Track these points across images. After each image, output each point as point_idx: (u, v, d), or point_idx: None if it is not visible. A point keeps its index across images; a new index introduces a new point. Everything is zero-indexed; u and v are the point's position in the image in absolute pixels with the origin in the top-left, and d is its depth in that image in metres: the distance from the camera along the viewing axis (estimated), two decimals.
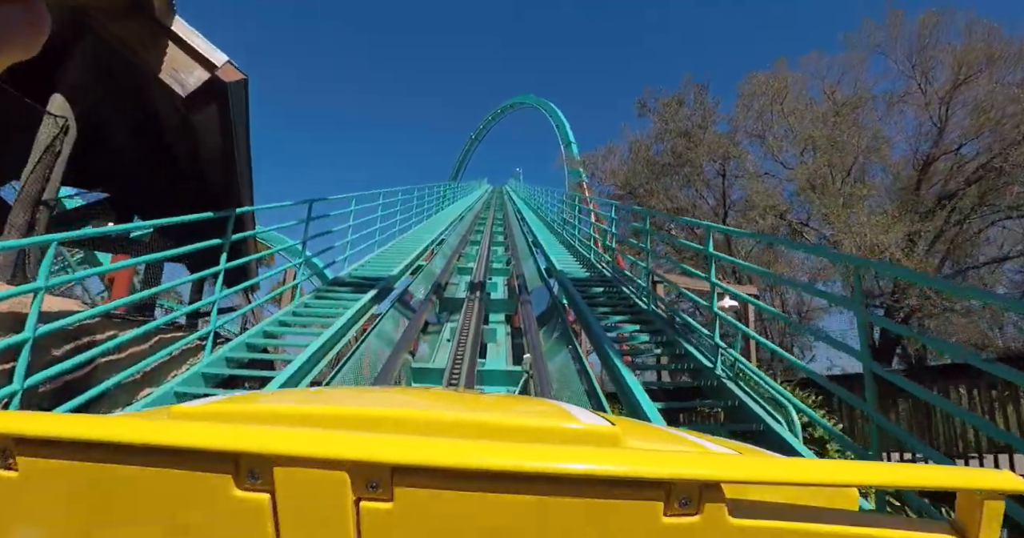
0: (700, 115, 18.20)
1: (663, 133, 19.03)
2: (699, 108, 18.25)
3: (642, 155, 20.45)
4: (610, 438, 0.68)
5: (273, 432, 0.50)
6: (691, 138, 18.11)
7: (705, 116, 18.18)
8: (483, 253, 10.82)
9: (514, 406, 1.19)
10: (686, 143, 18.17)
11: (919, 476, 0.54)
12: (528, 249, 11.46)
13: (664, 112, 18.96)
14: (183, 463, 0.50)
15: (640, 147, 20.68)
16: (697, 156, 17.73)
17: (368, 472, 0.48)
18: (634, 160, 21.48)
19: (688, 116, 18.48)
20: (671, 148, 18.86)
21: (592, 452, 0.50)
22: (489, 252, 11.18)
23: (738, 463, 0.53)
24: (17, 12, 0.26)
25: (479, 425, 0.68)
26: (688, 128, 18.24)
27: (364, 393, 1.45)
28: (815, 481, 0.51)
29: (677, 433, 1.03)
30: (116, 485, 0.52)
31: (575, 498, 0.49)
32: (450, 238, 12.16)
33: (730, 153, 17.23)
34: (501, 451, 0.48)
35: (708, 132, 18.06)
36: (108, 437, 0.49)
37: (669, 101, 18.85)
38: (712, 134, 17.99)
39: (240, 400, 0.91)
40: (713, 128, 18.16)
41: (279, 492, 0.49)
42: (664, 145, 19.54)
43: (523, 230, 14.27)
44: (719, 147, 17.31)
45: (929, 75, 14.02)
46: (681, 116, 18.54)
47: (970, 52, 13.03)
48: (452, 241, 11.86)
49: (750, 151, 17.06)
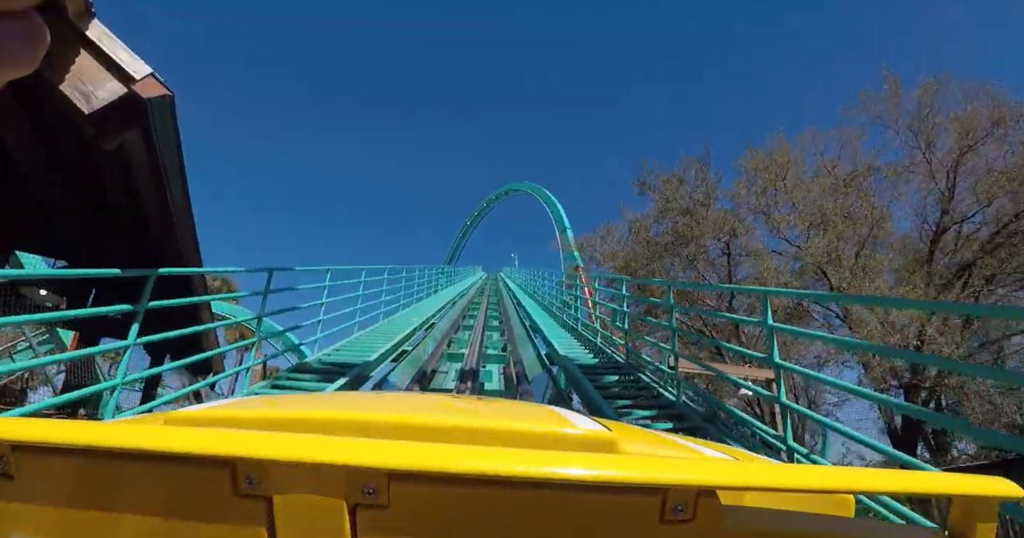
0: (703, 192, 17.88)
1: (664, 211, 18.62)
2: (701, 185, 17.96)
3: (642, 235, 19.97)
4: (607, 444, 0.69)
5: (269, 437, 0.49)
6: (694, 215, 17.64)
7: (708, 193, 17.83)
8: (476, 338, 9.87)
9: (512, 411, 1.16)
10: (689, 221, 17.67)
11: (916, 482, 0.52)
12: (526, 334, 10.47)
13: (665, 189, 18.65)
14: (180, 469, 0.51)
15: (640, 227, 20.25)
16: (701, 233, 17.18)
17: (364, 478, 0.49)
18: (634, 241, 21.03)
19: (690, 193, 18.17)
20: (672, 226, 18.39)
21: (588, 458, 0.49)
22: (483, 337, 10.22)
23: (734, 469, 0.51)
24: (15, 26, 0.26)
25: (477, 430, 0.69)
26: (690, 205, 17.85)
27: (361, 399, 1.34)
28: (811, 487, 0.49)
29: (674, 439, 1.05)
30: (113, 491, 0.53)
31: (572, 504, 0.50)
32: (440, 322, 11.19)
33: (736, 230, 16.69)
34: (498, 457, 0.47)
35: (711, 209, 17.64)
36: (106, 443, 0.48)
37: (670, 179, 18.58)
38: (715, 211, 17.57)
39: (237, 405, 0.88)
40: (715, 205, 17.81)
41: (276, 497, 0.50)
42: (665, 224, 19.10)
43: (520, 314, 13.47)
44: (725, 223, 16.80)
45: (933, 143, 13.82)
46: (682, 193, 18.24)
47: (975, 117, 12.88)
48: (443, 325, 10.90)
49: (756, 226, 16.58)
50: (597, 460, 0.48)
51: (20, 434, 0.51)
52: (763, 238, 17.33)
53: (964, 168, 13.44)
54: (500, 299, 17.01)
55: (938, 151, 13.79)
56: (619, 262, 21.59)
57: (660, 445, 0.96)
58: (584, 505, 0.50)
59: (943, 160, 13.65)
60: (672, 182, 18.46)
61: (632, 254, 20.73)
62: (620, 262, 21.44)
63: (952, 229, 14.01)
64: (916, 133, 13.87)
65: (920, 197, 14.52)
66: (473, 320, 12.39)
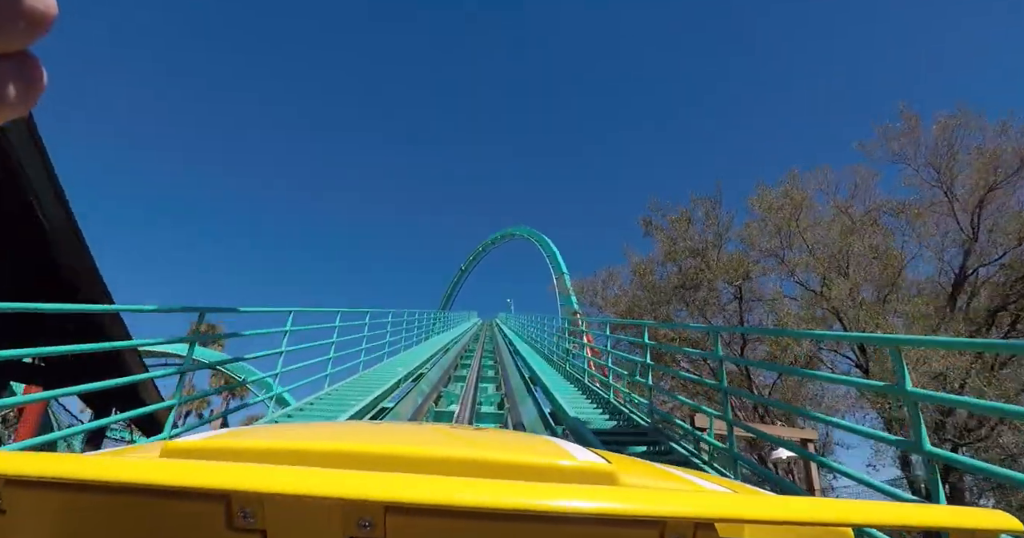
0: (713, 232, 16.81)
1: (671, 253, 17.46)
2: (712, 224, 16.87)
3: (647, 279, 18.86)
4: (606, 476, 0.69)
5: (264, 470, 0.48)
6: (704, 257, 16.48)
7: (720, 233, 16.73)
8: (469, 393, 8.67)
9: (510, 443, 1.14)
10: (699, 263, 16.52)
11: (915, 515, 0.52)
12: (525, 387, 9.24)
13: (672, 230, 17.52)
14: (174, 502, 0.50)
15: (644, 270, 19.14)
16: (713, 277, 16.03)
17: (360, 510, 0.49)
18: (637, 285, 19.87)
19: (699, 233, 17.05)
20: (681, 269, 17.26)
21: (587, 490, 0.49)
22: (477, 391, 9.00)
23: (732, 501, 0.51)
24: (11, 67, 0.25)
25: (475, 463, 0.68)
26: (700, 247, 16.70)
27: (359, 429, 1.33)
28: (809, 520, 0.49)
29: (672, 471, 1.04)
30: (107, 525, 0.52)
31: (570, 536, 0.50)
32: (430, 373, 9.99)
33: (751, 272, 15.60)
34: (497, 489, 0.46)
35: (721, 251, 16.53)
36: (99, 477, 0.47)
37: (678, 218, 17.47)
38: (725, 253, 16.45)
39: (234, 435, 0.86)
40: (726, 246, 16.70)
41: (271, 531, 0.50)
42: (672, 266, 17.95)
43: (518, 363, 12.27)
44: (739, 266, 15.66)
45: (956, 181, 13.05)
46: (691, 234, 17.13)
47: (1002, 153, 12.21)
48: (432, 376, 9.70)
49: (772, 267, 15.58)
50: (595, 492, 0.48)
51: (13, 468, 0.50)
52: (778, 282, 16.24)
53: (990, 206, 12.67)
54: (496, 347, 16.02)
55: (961, 187, 13.04)
56: (621, 307, 20.39)
57: (658, 477, 0.96)
58: (583, 537, 0.50)
59: (968, 197, 12.87)
60: (680, 222, 17.39)
61: (635, 300, 19.59)
62: (623, 307, 20.23)
63: (977, 270, 13.11)
64: (939, 169, 13.12)
65: (941, 235, 13.66)
66: (467, 369, 11.36)
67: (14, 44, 0.24)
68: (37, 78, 0.26)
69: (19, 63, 0.25)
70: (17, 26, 0.23)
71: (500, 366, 12.04)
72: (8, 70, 0.25)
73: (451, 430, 1.35)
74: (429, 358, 11.34)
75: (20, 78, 0.25)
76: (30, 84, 0.26)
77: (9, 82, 0.25)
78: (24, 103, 0.26)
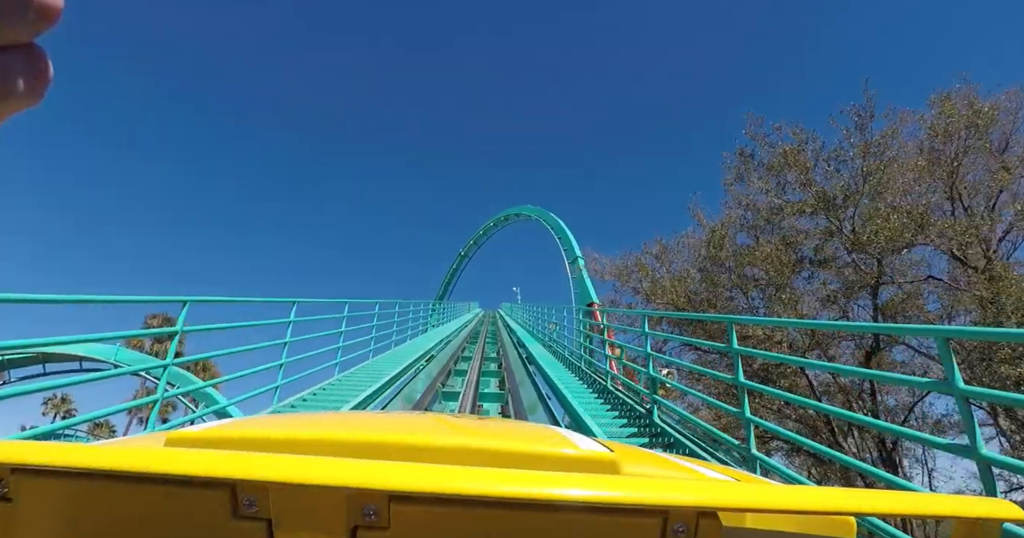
0: (859, 168, 11.12)
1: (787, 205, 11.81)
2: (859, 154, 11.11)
3: (723, 253, 13.60)
4: (609, 465, 0.67)
5: (269, 459, 0.47)
6: (838, 212, 11.03)
7: (868, 171, 10.81)
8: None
9: (514, 432, 1.13)
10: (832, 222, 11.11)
11: (917, 504, 0.51)
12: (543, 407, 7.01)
13: (791, 161, 11.57)
14: (179, 491, 0.50)
15: (719, 239, 13.83)
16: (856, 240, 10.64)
17: (365, 499, 0.49)
18: (705, 261, 14.59)
19: (835, 170, 11.47)
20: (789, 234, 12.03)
21: (590, 479, 0.48)
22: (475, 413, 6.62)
23: (735, 490, 0.50)
24: (19, 60, 0.25)
25: (478, 451, 0.66)
26: (839, 195, 11.05)
27: (364, 418, 1.30)
28: (812, 508, 0.48)
29: (675, 460, 1.02)
30: (112, 513, 0.52)
31: (573, 524, 0.50)
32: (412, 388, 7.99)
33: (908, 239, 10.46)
34: (500, 478, 0.46)
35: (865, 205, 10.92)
36: (104, 466, 0.47)
37: (795, 148, 11.65)
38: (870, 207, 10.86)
39: (239, 425, 0.85)
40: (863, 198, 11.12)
41: (275, 520, 0.49)
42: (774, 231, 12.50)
43: (529, 370, 9.68)
44: (898, 229, 10.19)
45: None
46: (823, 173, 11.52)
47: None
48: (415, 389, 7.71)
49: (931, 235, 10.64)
50: (599, 481, 0.48)
51: (19, 457, 0.50)
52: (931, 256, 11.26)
53: None
54: (501, 347, 12.64)
55: None
56: (678, 296, 14.80)
57: (661, 466, 0.94)
58: (585, 526, 0.50)
59: None
60: (798, 153, 11.50)
61: (707, 276, 14.34)
62: (681, 297, 14.71)
63: None
64: None
65: None
66: (463, 379, 8.50)
67: (22, 36, 0.24)
68: (45, 69, 0.26)
69: (26, 55, 0.25)
70: (26, 17, 0.23)
71: (507, 370, 9.09)
72: (16, 61, 0.25)
73: (455, 419, 1.30)
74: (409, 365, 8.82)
75: (30, 70, 0.25)
76: (39, 75, 0.26)
77: (19, 74, 0.25)
78: (33, 95, 0.26)
